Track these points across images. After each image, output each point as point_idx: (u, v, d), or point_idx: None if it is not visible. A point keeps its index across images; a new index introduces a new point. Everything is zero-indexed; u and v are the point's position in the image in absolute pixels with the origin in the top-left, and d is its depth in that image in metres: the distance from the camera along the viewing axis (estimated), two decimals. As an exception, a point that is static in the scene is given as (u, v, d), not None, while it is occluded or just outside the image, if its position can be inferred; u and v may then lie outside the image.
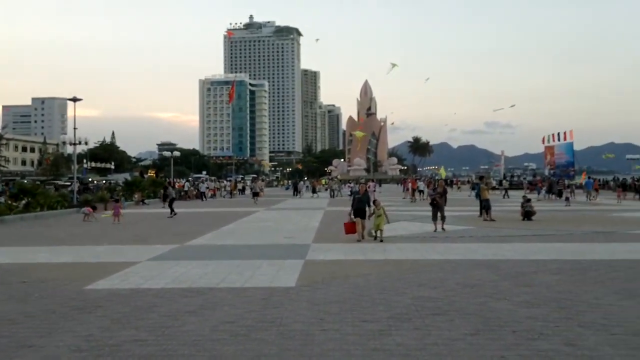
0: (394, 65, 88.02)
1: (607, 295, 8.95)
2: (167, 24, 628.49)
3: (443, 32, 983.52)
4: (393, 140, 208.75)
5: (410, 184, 46.68)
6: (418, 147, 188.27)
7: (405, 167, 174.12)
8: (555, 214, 28.00)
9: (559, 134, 63.66)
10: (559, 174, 60.86)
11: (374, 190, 45.54)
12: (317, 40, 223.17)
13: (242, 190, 58.88)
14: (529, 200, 25.09)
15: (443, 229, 19.14)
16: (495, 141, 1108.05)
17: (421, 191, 42.66)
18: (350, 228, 16.96)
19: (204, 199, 46.84)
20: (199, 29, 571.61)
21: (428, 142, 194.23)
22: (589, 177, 57.67)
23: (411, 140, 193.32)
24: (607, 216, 27.01)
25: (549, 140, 66.35)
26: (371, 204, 17.51)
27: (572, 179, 53.95)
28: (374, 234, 16.60)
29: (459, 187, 65.68)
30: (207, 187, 54.20)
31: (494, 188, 55.94)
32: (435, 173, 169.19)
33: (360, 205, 17.11)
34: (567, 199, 36.37)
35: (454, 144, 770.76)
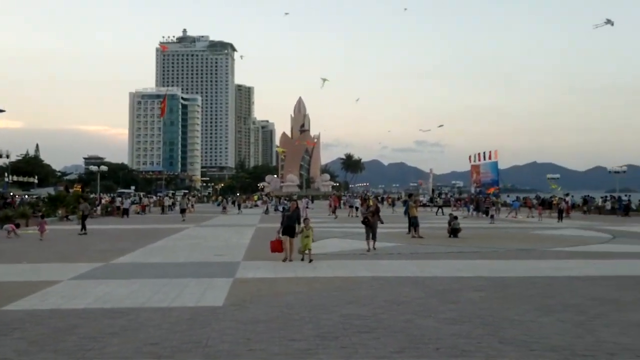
0: (324, 80, 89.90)
1: (528, 312, 9.27)
2: (98, 36, 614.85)
3: (376, 52, 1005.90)
4: (326, 157, 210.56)
5: (332, 201, 47.17)
6: (350, 164, 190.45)
7: (338, 184, 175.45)
8: (480, 232, 28.79)
9: (484, 153, 65.72)
10: (485, 192, 62.79)
11: (307, 207, 45.74)
12: (241, 57, 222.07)
13: (172, 207, 57.42)
14: (455, 217, 25.75)
15: (374, 248, 19.01)
16: (425, 159, 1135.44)
17: (357, 208, 43.15)
18: (276, 246, 16.19)
19: (127, 215, 45.09)
20: (131, 41, 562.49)
21: (360, 160, 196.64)
22: (516, 197, 59.87)
23: (343, 157, 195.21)
24: (528, 234, 28.00)
25: (475, 159, 68.38)
26: (301, 222, 16.85)
27: (498, 197, 55.76)
28: (301, 254, 16.08)
29: (391, 204, 66.52)
30: (134, 202, 52.88)
31: (423, 205, 57.21)
32: (366, 190, 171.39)
33: (290, 222, 16.43)
34: (491, 216, 37.53)
35: (385, 161, 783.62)
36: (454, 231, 24.22)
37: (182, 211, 42.50)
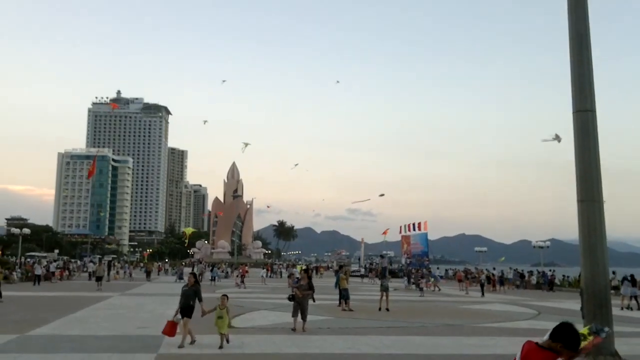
0: (246, 144, 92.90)
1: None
2: (27, 92, 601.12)
3: (310, 121, 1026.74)
4: (258, 223, 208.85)
5: (241, 270, 46.24)
6: (283, 231, 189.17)
7: (270, 251, 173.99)
8: (410, 305, 29.02)
9: (414, 224, 67.13)
10: (415, 263, 63.75)
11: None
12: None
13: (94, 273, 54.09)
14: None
15: (304, 329, 16.62)
16: (357, 228, 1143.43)
17: (291, 274, 42.56)
18: (166, 329, 13.45)
19: (39, 283, 41.18)
20: (62, 99, 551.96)
21: (293, 227, 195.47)
22: (446, 270, 61.18)
23: (276, 224, 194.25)
24: (457, 308, 28.39)
25: (405, 230, 69.68)
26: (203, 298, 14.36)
27: (428, 269, 56.72)
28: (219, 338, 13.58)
29: (321, 274, 66.44)
30: (58, 267, 50.67)
31: (361, 276, 57.70)
32: (298, 258, 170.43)
33: (187, 301, 13.84)
34: (421, 289, 37.98)
35: (318, 229, 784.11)
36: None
37: (98, 279, 38.62)
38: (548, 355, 4.26)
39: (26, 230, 62.36)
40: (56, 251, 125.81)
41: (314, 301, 18.65)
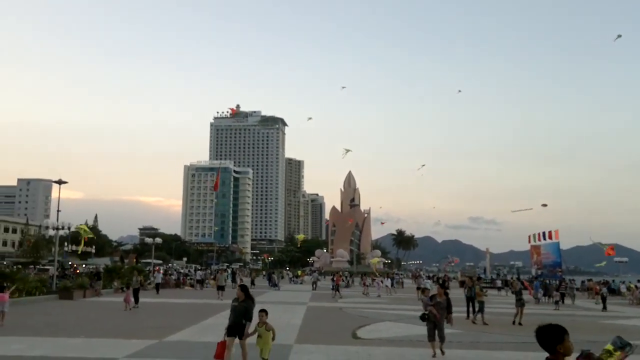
0: (347, 150, 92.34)
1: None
2: (154, 110, 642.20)
3: (428, 129, 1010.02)
4: (376, 232, 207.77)
5: (335, 279, 45.09)
6: (402, 240, 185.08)
7: (390, 261, 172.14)
8: (545, 319, 27.25)
9: (544, 233, 63.91)
10: (547, 274, 60.85)
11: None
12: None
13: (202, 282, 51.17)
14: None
15: (442, 351, 14.30)
16: (481, 237, 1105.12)
17: (425, 289, 40.84)
18: (217, 351, 11.11)
19: (157, 290, 40.54)
20: (186, 116, 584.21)
21: (413, 236, 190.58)
22: (582, 281, 57.21)
23: (395, 233, 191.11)
24: (599, 323, 26.21)
25: (534, 239, 66.57)
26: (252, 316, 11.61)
27: (563, 280, 53.51)
28: None
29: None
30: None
31: (498, 288, 55.31)
32: (419, 267, 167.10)
33: (237, 319, 11.41)
34: (556, 302, 35.99)
35: (439, 238, 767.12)
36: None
37: (220, 288, 37.37)
38: None
39: (158, 240, 66.01)
40: (184, 259, 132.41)
41: (451, 325, 15.64)
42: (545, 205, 67.52)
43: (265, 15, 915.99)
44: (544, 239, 63.82)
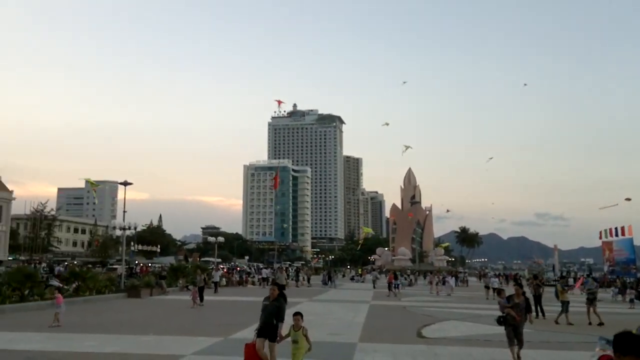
0: (407, 147, 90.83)
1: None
2: (215, 112, 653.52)
3: (491, 123, 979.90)
4: (439, 229, 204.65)
5: (388, 277, 44.08)
6: (466, 237, 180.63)
7: (453, 258, 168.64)
8: (621, 319, 25.89)
9: (616, 228, 61.56)
10: (619, 271, 58.63)
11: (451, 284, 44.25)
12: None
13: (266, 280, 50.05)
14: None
15: (519, 357, 12.98)
16: (548, 233, 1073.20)
17: (495, 289, 40.06)
18: (249, 354, 10.35)
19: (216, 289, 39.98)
20: (244, 116, 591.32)
21: (477, 233, 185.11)
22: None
23: (458, 230, 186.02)
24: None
25: (606, 235, 64.21)
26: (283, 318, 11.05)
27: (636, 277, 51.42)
28: None
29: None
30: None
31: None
32: (484, 265, 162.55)
33: (267, 319, 10.74)
34: (631, 300, 34.57)
35: (504, 235, 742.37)
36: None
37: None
38: None
39: (220, 239, 67.25)
40: (246, 257, 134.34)
41: (530, 322, 14.32)
42: (629, 199, 65.09)
43: (321, 14, 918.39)
44: (617, 235, 61.48)
